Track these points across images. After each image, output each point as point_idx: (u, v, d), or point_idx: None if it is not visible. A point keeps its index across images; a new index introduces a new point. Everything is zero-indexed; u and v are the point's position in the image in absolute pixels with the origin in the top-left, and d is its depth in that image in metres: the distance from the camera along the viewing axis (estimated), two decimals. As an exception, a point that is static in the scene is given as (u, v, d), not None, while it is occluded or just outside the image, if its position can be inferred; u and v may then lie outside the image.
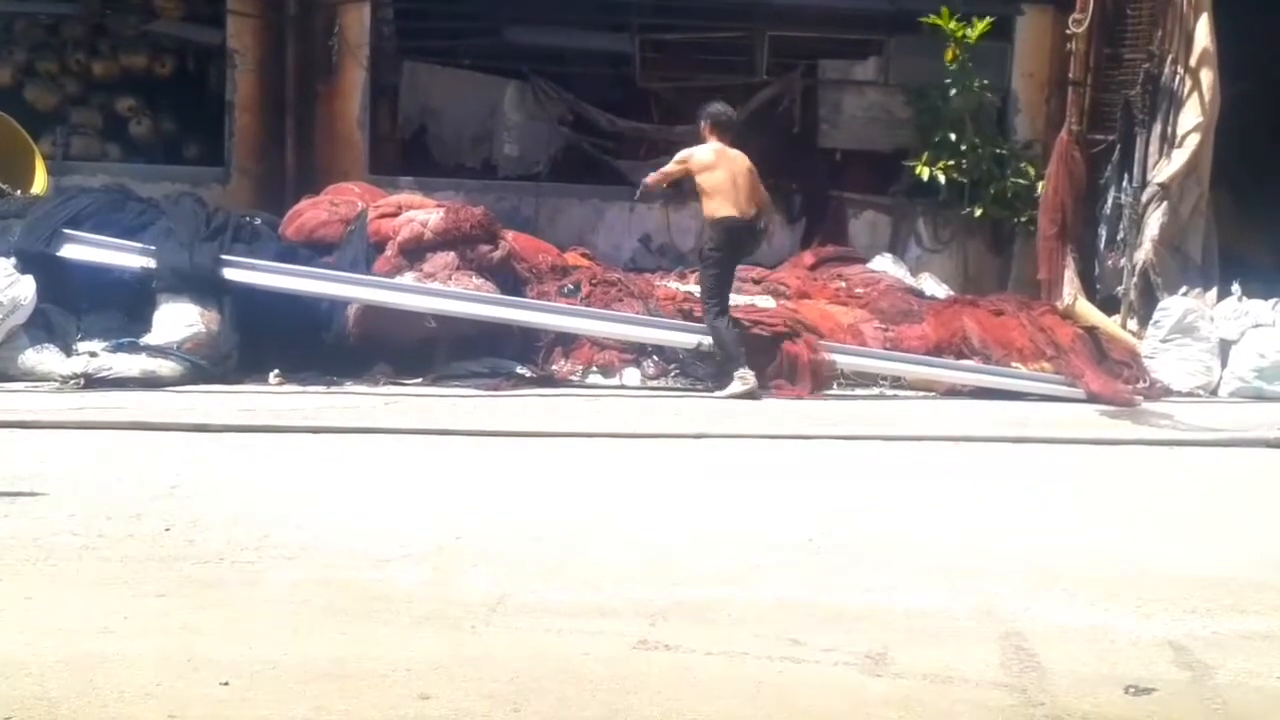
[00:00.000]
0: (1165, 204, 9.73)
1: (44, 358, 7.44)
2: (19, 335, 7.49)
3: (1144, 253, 9.77)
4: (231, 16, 11.03)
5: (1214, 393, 8.83)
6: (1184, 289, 9.53)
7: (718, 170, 8.19)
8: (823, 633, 3.85)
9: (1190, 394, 8.69)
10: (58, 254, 7.80)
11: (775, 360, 8.18)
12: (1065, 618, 4.06)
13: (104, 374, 7.26)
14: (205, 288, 7.77)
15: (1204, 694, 3.56)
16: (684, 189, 10.26)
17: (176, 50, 11.90)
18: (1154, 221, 9.75)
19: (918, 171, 11.15)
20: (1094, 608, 4.18)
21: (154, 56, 11.82)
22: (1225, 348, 8.95)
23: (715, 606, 4.06)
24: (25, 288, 7.50)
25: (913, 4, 11.37)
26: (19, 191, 8.92)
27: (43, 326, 7.61)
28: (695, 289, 9.44)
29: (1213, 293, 9.63)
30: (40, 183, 9.40)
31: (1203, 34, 9.60)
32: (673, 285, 9.78)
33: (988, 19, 10.87)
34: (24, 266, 7.62)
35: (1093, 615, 4.10)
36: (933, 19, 10.83)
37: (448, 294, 8.04)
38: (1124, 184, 10.00)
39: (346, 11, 11.05)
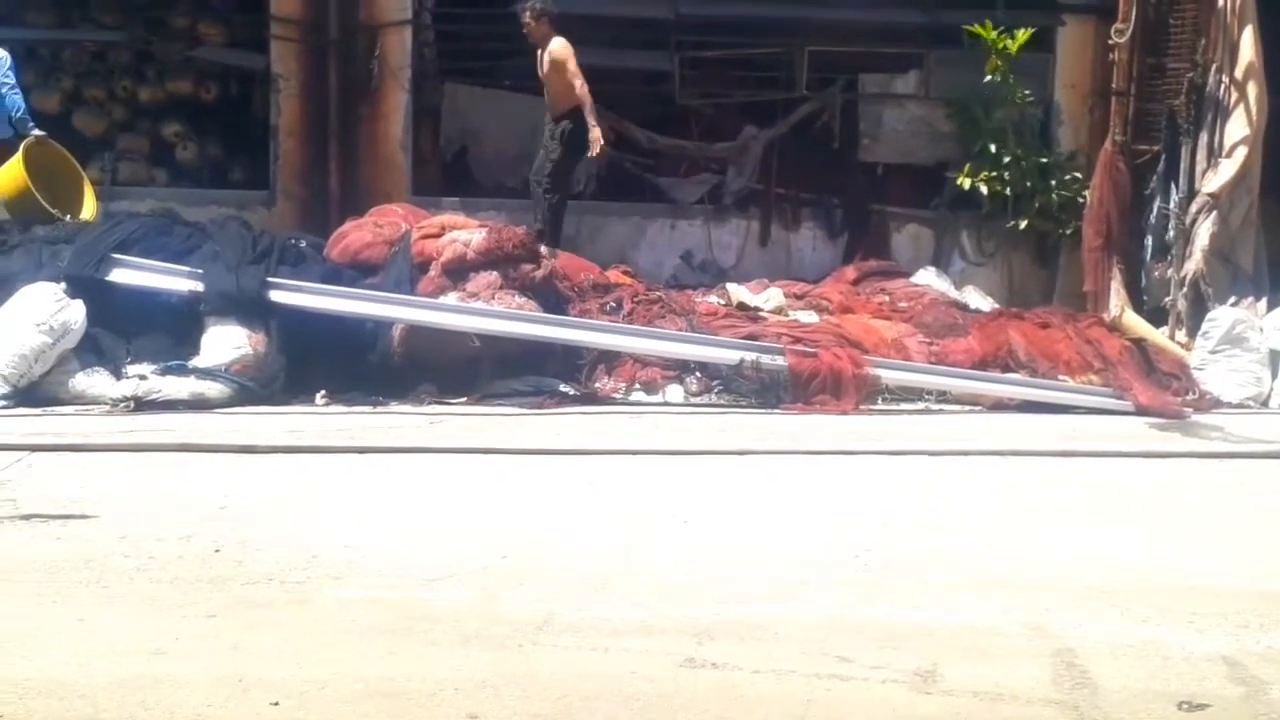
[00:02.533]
0: (1215, 214, 9.62)
1: (94, 381, 7.52)
2: (70, 359, 7.57)
3: (1194, 263, 9.66)
4: (275, 42, 11.14)
5: (1265, 404, 8.70)
6: (1233, 299, 9.42)
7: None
8: (871, 650, 3.84)
9: (1240, 405, 8.57)
10: (107, 278, 7.89)
11: (819, 376, 8.14)
12: (1117, 633, 4.03)
13: (153, 397, 7.33)
14: (252, 310, 7.83)
15: (1258, 710, 3.51)
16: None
17: (221, 76, 12.04)
18: (1204, 232, 9.64)
19: (959, 181, 11.09)
20: (1146, 623, 4.13)
21: (199, 82, 11.96)
22: (1275, 358, 8.83)
23: (762, 624, 4.05)
24: (75, 312, 7.59)
25: (953, 16, 11.34)
26: (68, 217, 9.04)
27: (93, 350, 7.69)
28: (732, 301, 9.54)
29: (1263, 302, 9.51)
30: (90, 209, 9.53)
31: (1247, 44, 9.51)
32: (714, 301, 9.78)
33: (1028, 30, 10.82)
34: (74, 291, 7.70)
35: (1145, 630, 4.06)
36: (973, 29, 10.79)
37: (491, 313, 8.07)
38: (1170, 194, 9.91)
39: (388, 34, 11.13)
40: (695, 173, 12.05)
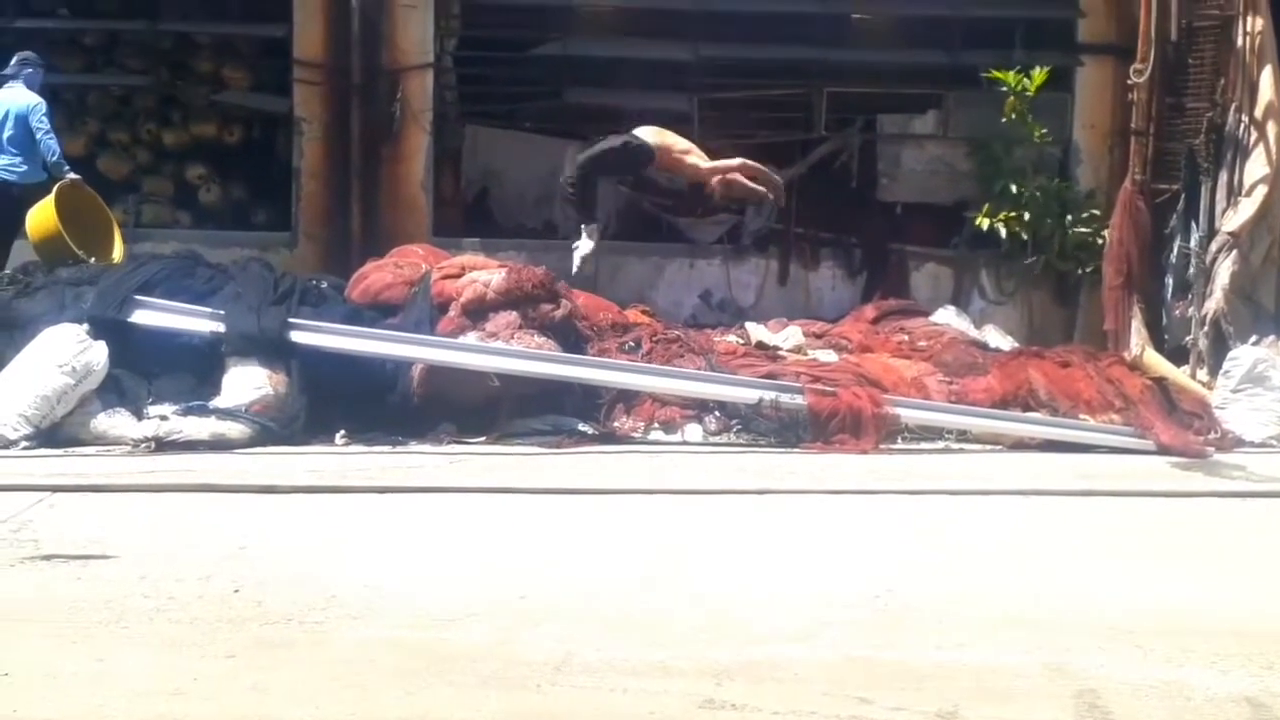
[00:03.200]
0: (1235, 252, 9.60)
1: (116, 422, 7.56)
2: (91, 400, 7.61)
3: (1215, 302, 9.63)
4: (298, 85, 11.25)
5: (1287, 443, 8.65)
6: (1255, 338, 9.38)
7: None
8: (891, 691, 3.81)
9: (1263, 444, 8.51)
10: (129, 320, 7.94)
11: (838, 415, 8.12)
12: (1139, 674, 3.99)
13: (174, 437, 7.36)
14: (273, 350, 7.87)
15: (1284, 752, 3.48)
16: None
17: (245, 119, 12.16)
18: (1224, 270, 9.62)
19: (977, 223, 11.11)
20: (1169, 664, 4.10)
21: (223, 125, 12.08)
22: (1298, 397, 8.78)
23: (782, 665, 4.03)
24: (98, 353, 7.64)
25: (971, 57, 11.38)
26: (92, 259, 9.11)
27: (114, 391, 7.73)
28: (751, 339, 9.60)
29: (1284, 341, 9.48)
30: (118, 251, 9.62)
31: (1267, 83, 9.52)
32: (733, 340, 9.78)
33: (1045, 70, 10.85)
34: (96, 332, 7.75)
35: (1168, 671, 4.03)
36: (992, 74, 10.83)
37: (510, 353, 8.09)
38: (1190, 233, 9.89)
39: (410, 78, 11.23)
40: (713, 213, 12.09)
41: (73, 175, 9.57)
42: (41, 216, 9.15)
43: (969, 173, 11.70)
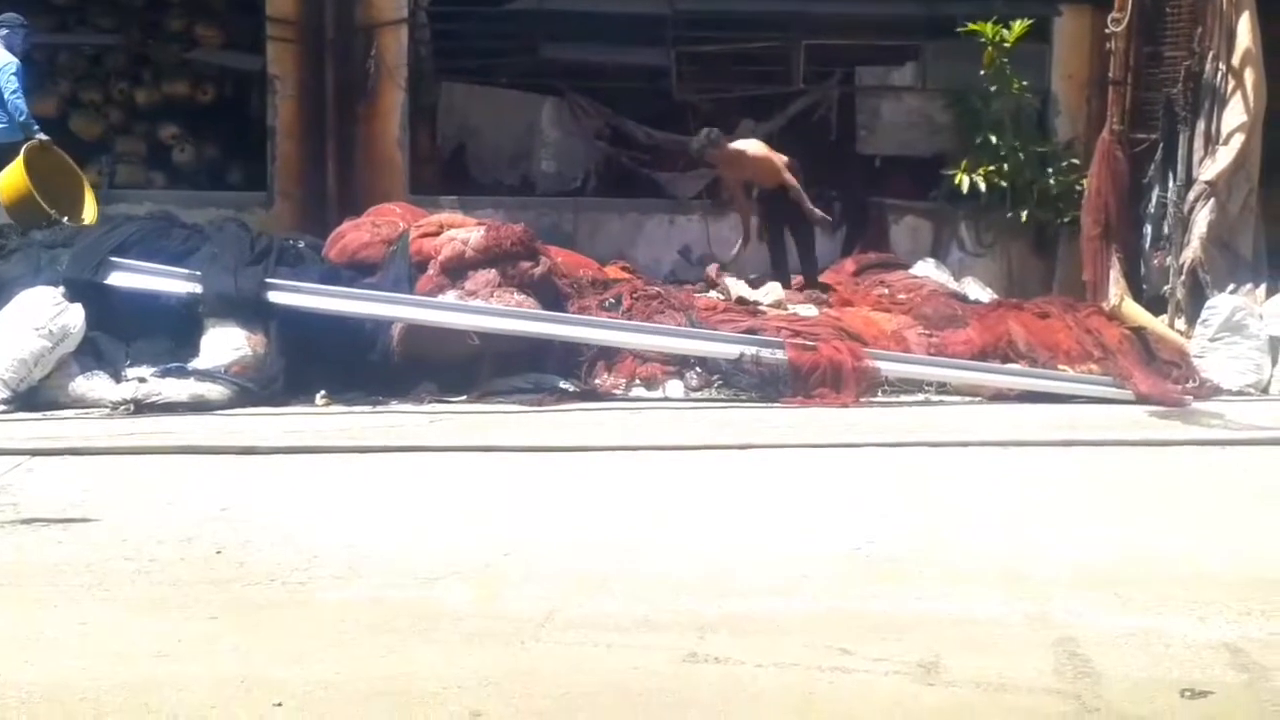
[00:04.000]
0: (1213, 201, 9.62)
1: (94, 385, 7.52)
2: (69, 363, 7.57)
3: (1192, 251, 9.66)
4: (271, 43, 11.15)
5: (1265, 391, 8.69)
6: (1232, 286, 9.42)
7: None
8: (873, 642, 3.84)
9: (1241, 392, 8.57)
10: (105, 282, 7.89)
11: (819, 369, 8.13)
12: (1119, 622, 4.03)
13: (153, 399, 7.32)
14: (250, 311, 7.83)
15: (1261, 696, 3.52)
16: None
17: (218, 77, 12.05)
18: (1202, 219, 9.64)
19: (956, 181, 11.10)
20: (1148, 611, 4.13)
21: (196, 84, 11.99)
22: (1275, 345, 8.82)
23: (764, 618, 4.05)
24: (74, 316, 7.59)
25: (949, 8, 11.34)
26: (65, 219, 9.04)
27: (92, 354, 7.68)
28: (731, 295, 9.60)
29: (1262, 289, 9.51)
30: (90, 212, 9.53)
31: (1244, 31, 9.50)
32: (713, 296, 9.78)
33: (1025, 21, 10.82)
34: (73, 295, 7.70)
35: (1147, 619, 4.06)
36: (971, 26, 10.79)
37: (490, 311, 8.07)
38: (1168, 182, 9.90)
39: (384, 34, 11.14)
40: (693, 168, 12.06)
41: (42, 136, 9.49)
42: (12, 178, 9.07)
43: (948, 125, 11.70)
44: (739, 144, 10.42)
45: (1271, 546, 4.94)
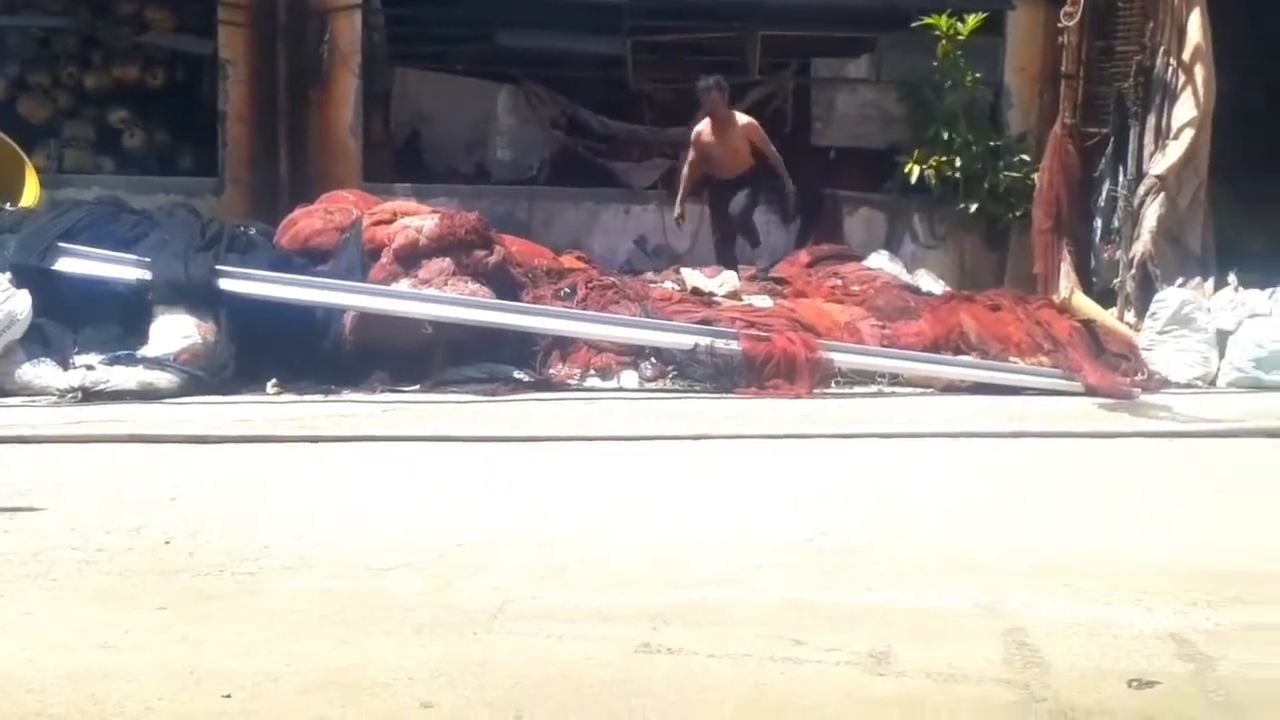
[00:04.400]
0: (1163, 195, 9.72)
1: (41, 372, 7.43)
2: (15, 350, 7.47)
3: (1142, 244, 9.76)
4: (222, 27, 11.03)
5: (1212, 383, 8.81)
6: (1181, 280, 9.53)
7: None
8: (825, 632, 3.85)
9: (1189, 385, 8.68)
10: (53, 268, 7.79)
11: (773, 360, 8.16)
12: (1067, 612, 4.06)
13: (101, 387, 7.25)
14: (201, 299, 7.76)
15: (1207, 686, 3.55)
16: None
17: (168, 61, 11.91)
18: (1151, 213, 9.74)
19: (907, 171, 11.15)
20: (1096, 602, 4.17)
21: (146, 68, 11.85)
22: (1223, 338, 8.93)
23: (717, 608, 4.05)
24: (21, 302, 7.48)
25: (905, 1, 11.38)
26: (8, 205, 8.90)
27: (39, 341, 7.59)
28: (686, 285, 9.59)
29: (1209, 283, 9.62)
30: (31, 195, 9.36)
31: (1194, 27, 9.60)
32: (668, 285, 9.78)
33: (979, 15, 10.88)
34: (19, 281, 7.60)
35: (1095, 609, 4.09)
36: (926, 21, 10.83)
37: (444, 300, 8.03)
38: (1119, 176, 10.00)
39: (337, 19, 11.05)
40: (649, 157, 12.07)
41: None
42: None
43: (901, 117, 11.75)
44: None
45: (1218, 538, 5.00)
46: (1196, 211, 9.89)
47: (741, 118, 10.45)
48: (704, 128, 10.48)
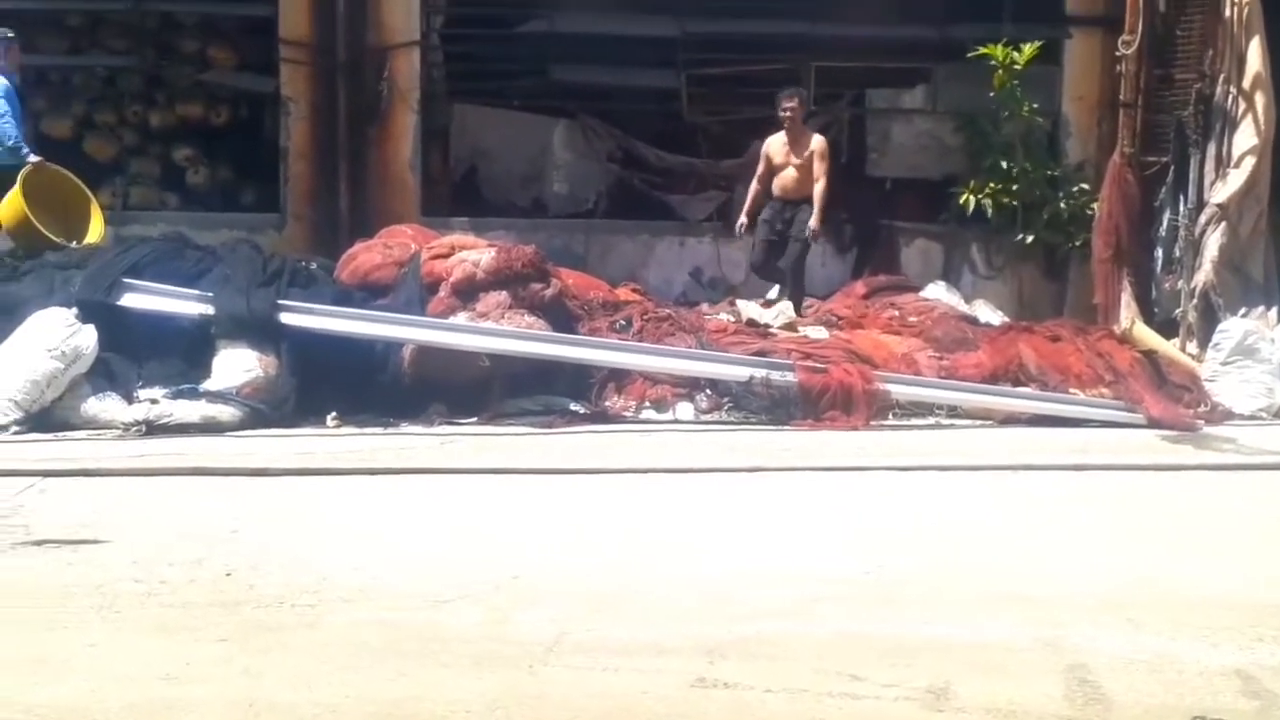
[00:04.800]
0: (1224, 224, 9.61)
1: (106, 406, 7.53)
2: (81, 384, 7.58)
3: (1204, 274, 9.65)
4: (284, 65, 11.21)
5: (1277, 415, 8.67)
6: (1244, 310, 9.40)
7: None
8: (883, 667, 3.82)
9: (1253, 417, 8.54)
10: (118, 303, 7.91)
11: (829, 391, 8.12)
12: (1130, 648, 4.01)
13: (165, 421, 7.34)
14: (262, 333, 7.85)
15: (1273, 723, 3.50)
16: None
17: (231, 99, 12.12)
18: (1213, 242, 9.63)
19: (963, 201, 11.10)
20: (1159, 637, 4.12)
21: (209, 106, 12.05)
22: (1288, 369, 8.80)
23: (773, 642, 4.04)
24: (86, 337, 7.61)
25: (960, 31, 11.36)
26: (74, 243, 9.06)
27: (104, 375, 7.70)
28: (742, 317, 9.56)
29: (1274, 312, 9.50)
30: (96, 231, 9.50)
31: (1254, 55, 9.50)
32: (723, 317, 9.78)
33: (1035, 44, 10.83)
34: (85, 316, 7.72)
35: (1158, 644, 4.04)
36: (982, 50, 10.80)
37: (501, 333, 8.08)
38: (1179, 205, 9.90)
39: (396, 56, 11.19)
40: (704, 190, 12.09)
41: (33, 158, 9.38)
42: (11, 206, 9.04)
43: (958, 147, 11.71)
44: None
45: (1283, 572, 4.92)
46: (1259, 240, 9.76)
47: (816, 136, 10.44)
48: (777, 143, 10.48)
